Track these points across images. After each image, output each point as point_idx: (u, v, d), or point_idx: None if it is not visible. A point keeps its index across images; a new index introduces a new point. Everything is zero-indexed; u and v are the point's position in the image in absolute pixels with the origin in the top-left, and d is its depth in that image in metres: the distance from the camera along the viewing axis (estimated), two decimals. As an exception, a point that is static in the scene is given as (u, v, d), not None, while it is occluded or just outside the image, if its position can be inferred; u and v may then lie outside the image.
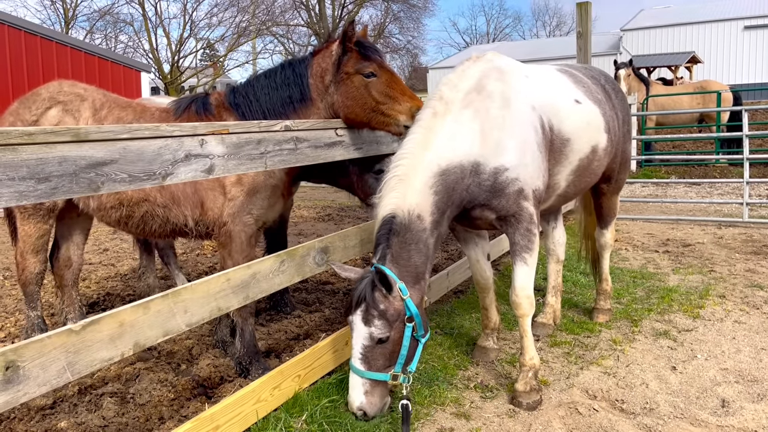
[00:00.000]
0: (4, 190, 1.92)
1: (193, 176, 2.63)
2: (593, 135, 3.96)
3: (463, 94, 3.33)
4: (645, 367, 4.01)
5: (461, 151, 3.19)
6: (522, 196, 3.36)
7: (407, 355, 3.05)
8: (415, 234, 3.03)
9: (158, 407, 3.45)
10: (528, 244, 3.42)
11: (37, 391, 2.05)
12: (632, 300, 5.41)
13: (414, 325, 3.03)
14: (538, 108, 3.51)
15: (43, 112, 3.82)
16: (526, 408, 3.47)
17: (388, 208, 3.03)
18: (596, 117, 4.00)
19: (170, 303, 2.57)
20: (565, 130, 3.68)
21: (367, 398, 3.02)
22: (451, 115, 3.25)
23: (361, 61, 3.57)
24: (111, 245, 8.47)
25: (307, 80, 3.67)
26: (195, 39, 33.74)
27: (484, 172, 3.26)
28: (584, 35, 9.39)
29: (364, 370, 3.01)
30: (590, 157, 3.94)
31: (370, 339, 2.99)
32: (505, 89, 3.42)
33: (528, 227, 3.41)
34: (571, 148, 3.74)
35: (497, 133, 3.29)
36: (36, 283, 4.14)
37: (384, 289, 2.95)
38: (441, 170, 3.11)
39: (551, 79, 3.92)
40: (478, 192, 3.29)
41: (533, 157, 3.39)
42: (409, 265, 3.03)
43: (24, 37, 11.46)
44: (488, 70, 3.48)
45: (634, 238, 8.18)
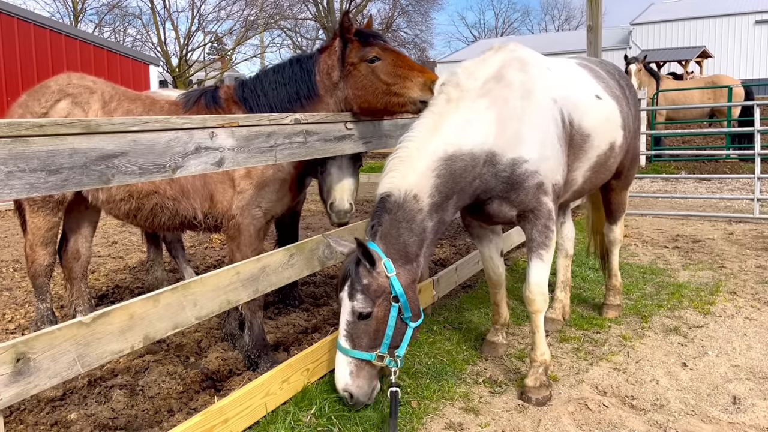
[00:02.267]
0: (15, 182, 1.92)
1: (203, 169, 2.62)
2: (612, 132, 3.93)
3: (481, 82, 3.27)
4: (655, 363, 3.99)
5: (473, 139, 3.13)
6: (541, 191, 3.31)
7: (393, 336, 2.99)
8: (407, 213, 2.98)
9: (167, 400, 3.45)
10: (545, 241, 3.38)
11: (48, 383, 2.06)
12: (642, 296, 5.37)
13: (400, 306, 2.97)
14: (559, 101, 3.45)
15: (53, 105, 3.82)
16: (535, 403, 3.45)
17: (385, 186, 3.01)
18: (615, 114, 3.97)
19: (180, 296, 2.56)
20: (585, 125, 3.63)
21: (353, 380, 2.99)
22: (466, 102, 3.18)
23: (363, 49, 3.53)
24: (120, 238, 8.49)
25: (314, 77, 3.65)
26: (203, 32, 33.76)
27: (501, 162, 3.20)
28: (595, 29, 9.32)
29: (349, 348, 2.98)
30: (607, 153, 3.91)
31: (352, 314, 2.97)
32: (526, 80, 3.36)
33: (546, 223, 3.36)
34: (591, 144, 3.70)
35: (516, 124, 3.23)
36: (45, 276, 4.15)
37: (367, 263, 2.92)
38: (447, 155, 3.06)
39: (572, 73, 3.88)
40: (494, 183, 3.24)
41: (554, 150, 3.34)
42: (398, 243, 2.98)
43: (34, 30, 11.48)
44: (510, 59, 3.42)
45: (643, 234, 8.13)
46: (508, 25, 67.73)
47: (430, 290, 4.61)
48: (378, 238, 2.98)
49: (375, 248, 2.94)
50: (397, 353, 3.04)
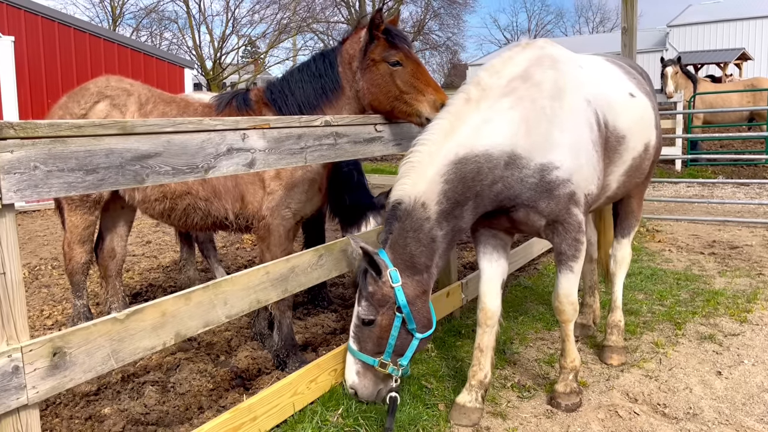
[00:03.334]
0: (54, 181, 1.97)
1: (234, 170, 2.66)
2: (646, 131, 3.72)
3: (506, 80, 3.07)
4: (689, 371, 3.91)
5: (490, 139, 2.94)
6: (573, 201, 3.10)
7: (396, 346, 2.97)
8: (415, 222, 2.88)
9: (197, 397, 3.51)
10: (575, 254, 3.23)
11: (83, 377, 2.11)
12: (675, 302, 5.27)
13: (404, 316, 2.93)
14: (593, 102, 3.24)
15: (92, 106, 3.92)
16: (564, 409, 3.41)
17: (397, 193, 2.94)
18: (648, 111, 3.77)
19: (211, 294, 2.60)
20: (620, 126, 3.42)
21: (359, 379, 3.04)
22: (487, 102, 3.00)
23: (388, 49, 3.57)
24: (154, 237, 8.65)
25: (337, 68, 3.69)
26: (237, 36, 34.20)
27: (528, 167, 3.00)
28: (629, 31, 9.17)
29: (356, 349, 3.03)
30: (642, 155, 3.70)
31: (358, 318, 3.01)
32: (558, 78, 3.14)
33: (576, 236, 3.18)
34: (626, 146, 3.48)
35: (545, 126, 3.02)
36: (82, 273, 4.25)
37: (373, 272, 2.91)
38: (458, 158, 2.89)
39: (605, 70, 3.67)
40: (519, 189, 3.03)
41: (588, 157, 3.13)
42: (405, 253, 2.91)
43: (74, 34, 11.78)
44: (539, 57, 3.22)
45: (678, 239, 7.97)
46: (541, 27, 67.12)
47: (458, 293, 4.60)
48: (388, 247, 2.94)
49: (384, 257, 2.91)
50: (400, 362, 3.02)
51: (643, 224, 8.70)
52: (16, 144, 1.86)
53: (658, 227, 8.73)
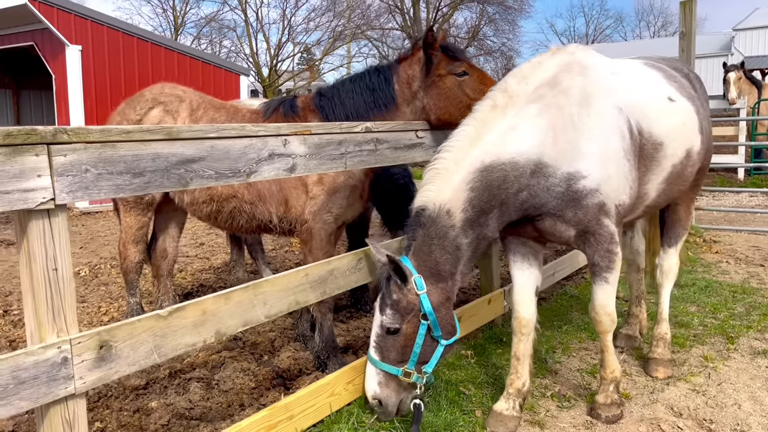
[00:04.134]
0: (104, 183, 2.09)
1: (275, 174, 2.75)
2: (688, 137, 3.59)
3: (534, 87, 3.02)
4: (739, 387, 3.78)
5: (516, 147, 2.91)
6: (603, 212, 3.04)
7: (421, 353, 2.95)
8: (440, 229, 2.87)
9: (239, 394, 3.61)
10: (609, 265, 3.14)
11: (127, 370, 2.22)
12: (730, 316, 5.09)
13: (429, 323, 2.91)
14: (625, 109, 3.17)
15: (146, 112, 4.10)
16: (604, 421, 3.35)
17: (421, 200, 2.92)
18: (691, 116, 3.63)
19: (251, 295, 2.69)
20: (657, 132, 3.32)
21: (380, 389, 2.99)
22: (514, 108, 2.96)
23: (452, 63, 3.67)
24: (207, 239, 8.91)
25: (393, 86, 3.76)
26: (292, 43, 34.88)
27: (554, 175, 2.95)
28: (688, 35, 8.92)
29: (378, 359, 2.98)
30: (684, 162, 3.57)
31: (381, 327, 2.96)
32: (586, 85, 3.09)
33: (608, 248, 3.11)
34: (665, 153, 3.37)
35: (572, 134, 2.97)
36: (135, 272, 4.44)
37: (398, 279, 2.89)
38: (484, 166, 2.87)
39: (641, 75, 3.58)
40: (545, 197, 2.98)
41: (618, 166, 3.06)
42: (429, 260, 2.90)
43: (137, 43, 12.29)
44: (568, 63, 3.16)
45: (737, 251, 7.68)
46: (600, 32, 65.66)
47: (500, 301, 4.58)
48: (411, 254, 2.92)
49: (408, 264, 2.89)
50: (425, 369, 3.00)
51: (700, 234, 8.43)
52: (69, 148, 1.99)
53: (716, 238, 8.43)
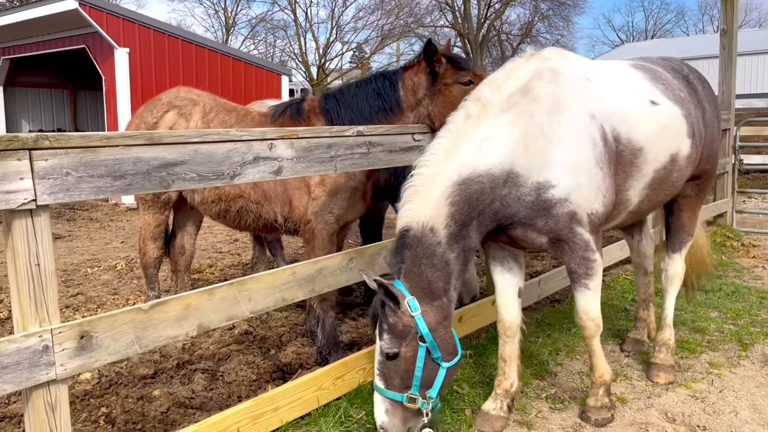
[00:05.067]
0: (84, 186, 2.26)
1: (260, 177, 2.87)
2: (673, 141, 3.48)
3: (507, 95, 2.99)
4: (741, 394, 3.71)
5: (491, 158, 2.89)
6: (575, 220, 3.01)
7: (423, 378, 2.83)
8: (427, 248, 2.82)
9: (240, 386, 3.77)
10: (587, 272, 3.13)
11: (108, 359, 2.39)
12: (751, 322, 4.95)
13: (427, 346, 2.81)
14: (599, 116, 3.10)
15: (162, 115, 4.31)
16: (594, 424, 3.36)
17: (403, 221, 2.86)
18: (677, 120, 3.51)
19: (235, 291, 2.83)
20: (636, 137, 3.25)
21: (388, 417, 2.85)
22: (488, 118, 2.94)
23: (457, 72, 3.77)
24: (241, 236, 9.17)
25: (398, 92, 3.87)
26: (341, 42, 35.22)
27: (525, 185, 2.94)
28: (729, 33, 8.67)
29: (382, 387, 2.87)
30: (668, 167, 3.47)
31: (381, 353, 2.86)
32: (558, 93, 3.04)
33: (584, 255, 3.09)
34: (645, 158, 3.30)
35: (542, 143, 2.94)
36: (154, 267, 4.67)
37: (391, 303, 2.80)
38: (462, 179, 2.85)
39: (621, 79, 3.48)
40: (516, 207, 2.98)
41: (589, 175, 3.01)
42: (421, 280, 2.83)
43: (181, 45, 12.73)
44: (540, 70, 3.10)
45: (774, 256, 7.43)
46: (660, 27, 63.60)
47: (506, 301, 4.59)
48: (402, 276, 2.85)
49: (400, 287, 2.82)
50: (429, 394, 2.86)
51: (739, 238, 8.19)
52: (50, 153, 2.16)
53: (756, 242, 8.17)
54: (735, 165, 8.86)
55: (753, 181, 13.03)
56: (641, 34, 62.76)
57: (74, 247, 8.85)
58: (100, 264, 7.50)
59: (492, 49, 42.98)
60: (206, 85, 11.56)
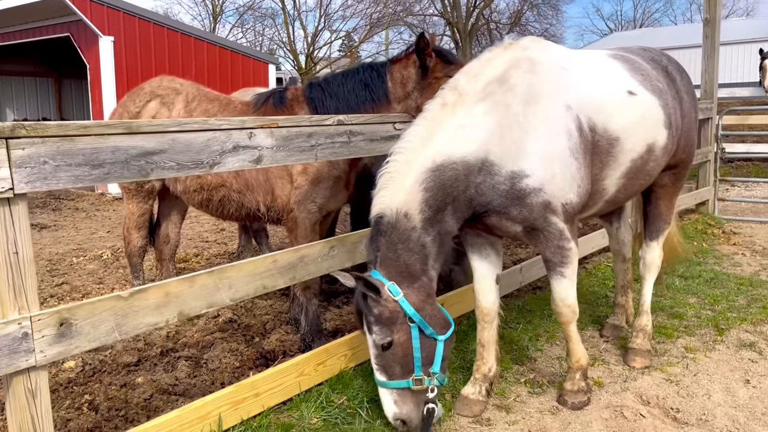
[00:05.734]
0: (62, 174, 2.28)
1: (240, 165, 2.90)
2: (650, 131, 3.52)
3: (483, 84, 3.02)
4: (715, 378, 3.79)
5: (465, 147, 2.93)
6: (549, 210, 3.06)
7: (423, 356, 2.88)
8: (402, 233, 2.86)
9: (224, 373, 3.82)
10: (562, 260, 3.18)
11: (88, 346, 2.42)
12: (728, 308, 5.04)
13: (418, 324, 2.87)
14: (575, 107, 3.13)
15: (145, 104, 4.31)
16: (570, 407, 3.43)
17: (377, 208, 2.91)
18: (654, 110, 3.54)
19: (216, 279, 2.86)
20: (612, 127, 3.28)
21: (399, 407, 2.89)
22: (464, 107, 2.97)
23: (447, 66, 3.81)
24: (227, 225, 9.17)
25: (386, 84, 3.89)
26: (329, 31, 35.06)
27: (499, 174, 2.98)
28: (712, 22, 8.73)
29: (385, 380, 2.90)
30: (645, 157, 3.50)
31: (375, 347, 2.89)
32: (534, 83, 3.07)
33: (559, 244, 3.14)
34: (621, 148, 3.34)
35: (517, 133, 2.97)
36: (139, 256, 4.69)
37: (372, 293, 2.83)
38: (436, 166, 2.89)
39: (599, 69, 3.51)
40: (491, 195, 3.01)
41: (564, 166, 3.05)
42: (398, 264, 2.86)
43: (167, 34, 12.65)
44: (518, 59, 3.13)
45: (755, 243, 7.52)
46: (648, 16, 63.70)
47: (488, 288, 4.65)
48: (378, 265, 2.88)
49: (377, 276, 2.85)
50: (432, 370, 2.91)
51: (721, 226, 8.28)
52: (27, 142, 2.17)
53: (737, 229, 8.27)
54: (717, 153, 8.95)
55: (736, 169, 13.16)
56: (630, 23, 62.86)
57: (60, 236, 8.83)
58: (85, 253, 7.49)
59: (481, 38, 42.93)
60: (192, 74, 11.51)
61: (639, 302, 4.19)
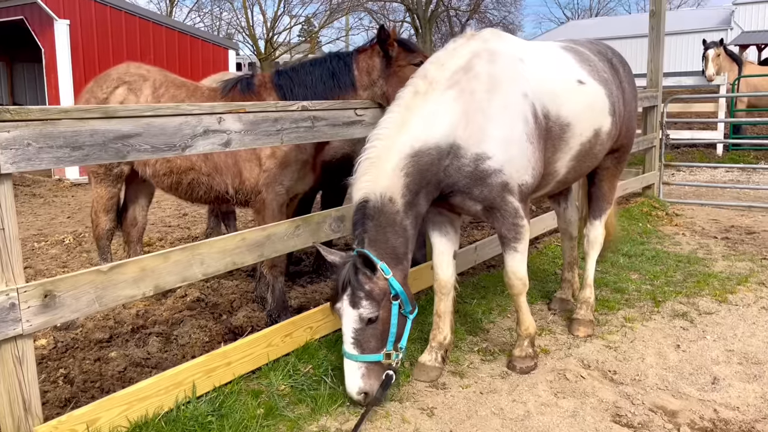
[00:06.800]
0: (45, 156, 2.44)
1: (211, 148, 3.08)
2: (597, 118, 3.81)
3: (450, 73, 3.27)
4: (650, 344, 4.15)
5: (438, 132, 3.18)
6: (507, 190, 3.33)
7: (397, 333, 3.15)
8: (389, 217, 3.08)
9: (193, 348, 4.00)
10: (516, 236, 3.46)
11: (71, 316, 2.59)
12: (666, 283, 5.44)
13: (400, 302, 3.14)
14: (531, 95, 3.40)
15: (112, 91, 4.41)
16: (519, 371, 3.73)
17: (361, 192, 3.10)
18: (601, 98, 3.85)
19: (188, 255, 3.05)
20: (564, 114, 3.56)
21: (364, 381, 3.09)
22: (434, 94, 3.20)
23: (410, 55, 4.05)
24: (190, 210, 9.26)
25: (353, 73, 4.10)
26: (289, 16, 34.82)
27: (465, 156, 3.23)
28: (657, 14, 9.13)
29: (358, 354, 3.09)
30: (592, 141, 3.81)
31: (359, 321, 3.07)
32: (494, 72, 3.32)
33: (514, 221, 3.42)
34: (572, 132, 3.62)
35: (480, 118, 3.23)
36: (107, 238, 4.81)
37: (368, 270, 3.05)
38: (414, 151, 3.11)
39: (552, 60, 3.78)
40: (457, 177, 3.26)
41: (521, 149, 3.32)
42: (387, 247, 3.11)
43: (124, 18, 12.52)
44: (480, 50, 3.39)
45: (696, 224, 8.00)
46: (604, 5, 65.02)
47: (444, 266, 4.92)
48: (367, 245, 3.08)
49: (371, 255, 3.04)
50: (400, 345, 3.20)
51: (664, 208, 8.74)
52: (11, 125, 2.32)
53: (680, 211, 8.76)
54: (662, 140, 9.42)
55: (682, 155, 13.75)
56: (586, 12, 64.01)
57: (18, 222, 8.75)
58: (47, 239, 7.50)
59: (441, 25, 43.22)
60: (151, 60, 11.44)
61: (583, 277, 4.52)
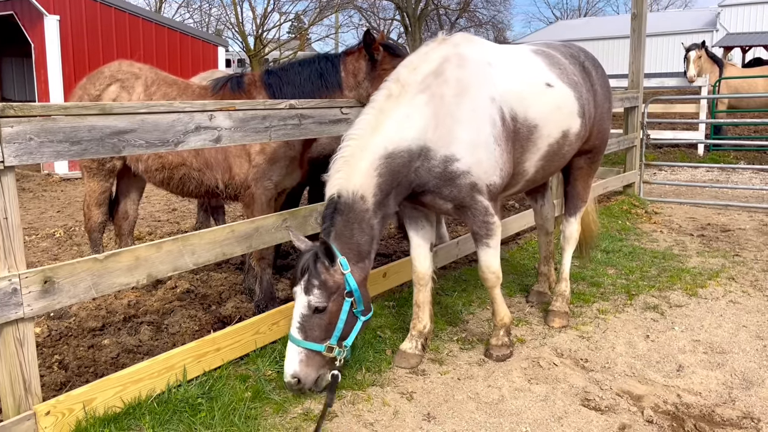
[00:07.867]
0: (45, 150, 2.58)
1: (202, 144, 3.24)
2: (565, 120, 3.92)
3: (422, 77, 3.37)
4: (621, 334, 4.35)
5: (410, 134, 3.28)
6: (476, 190, 3.46)
7: (344, 329, 3.20)
8: (358, 214, 3.18)
9: (183, 336, 4.16)
10: (487, 233, 3.61)
11: (68, 301, 2.74)
12: (640, 277, 5.64)
13: (353, 300, 3.19)
14: (498, 98, 3.51)
15: (105, 88, 4.55)
16: (495, 359, 3.92)
17: (334, 188, 3.19)
18: (569, 101, 3.95)
19: (180, 245, 3.20)
20: (532, 116, 3.68)
21: (300, 366, 3.14)
22: (406, 97, 3.31)
23: (394, 59, 4.17)
24: (179, 206, 9.39)
25: (340, 74, 4.25)
26: (278, 13, 34.85)
27: (435, 158, 3.34)
28: (639, 16, 9.35)
29: (301, 339, 3.15)
30: (560, 142, 3.92)
31: (308, 308, 3.15)
32: (462, 77, 3.44)
33: (484, 219, 3.57)
34: (540, 134, 3.75)
35: (449, 121, 3.35)
36: (99, 231, 4.94)
37: (327, 260, 3.12)
38: (387, 153, 3.22)
39: (521, 64, 3.89)
40: (427, 177, 3.38)
41: (488, 151, 3.43)
42: (352, 243, 3.19)
43: (114, 14, 12.59)
44: (450, 55, 3.50)
45: (673, 222, 8.24)
46: (593, 5, 65.57)
47: (427, 260, 5.10)
48: (332, 238, 3.15)
49: (332, 246, 3.12)
50: (345, 344, 3.23)
51: (644, 206, 8.98)
52: (15, 121, 2.47)
53: (659, 209, 8.99)
54: (643, 140, 9.65)
55: (664, 154, 14.03)
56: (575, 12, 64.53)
57: (9, 216, 8.84)
58: (37, 232, 7.61)
59: (431, 23, 43.44)
60: (140, 56, 11.52)
61: (559, 271, 4.72)
